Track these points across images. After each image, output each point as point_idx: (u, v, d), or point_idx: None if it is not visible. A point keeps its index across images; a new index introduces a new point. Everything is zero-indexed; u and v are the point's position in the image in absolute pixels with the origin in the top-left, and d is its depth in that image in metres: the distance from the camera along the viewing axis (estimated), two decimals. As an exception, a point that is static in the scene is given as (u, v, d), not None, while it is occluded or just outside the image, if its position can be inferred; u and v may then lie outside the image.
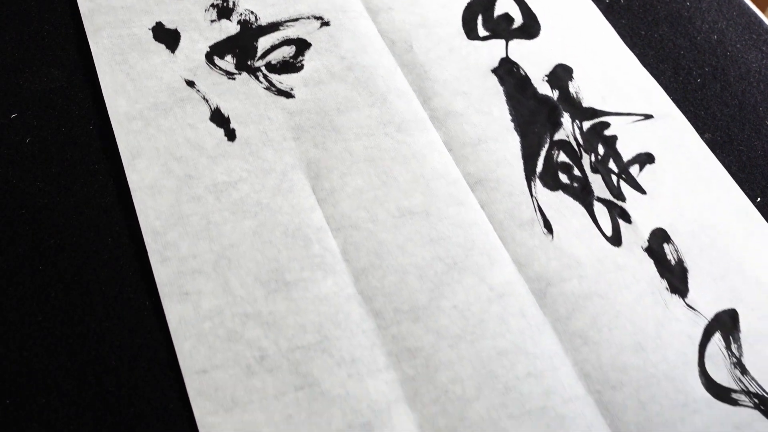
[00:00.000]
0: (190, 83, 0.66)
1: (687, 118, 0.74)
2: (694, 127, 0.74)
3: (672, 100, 0.75)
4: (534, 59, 0.75)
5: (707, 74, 0.79)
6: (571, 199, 0.66)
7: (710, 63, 0.80)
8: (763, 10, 0.94)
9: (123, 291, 0.54)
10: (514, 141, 0.69)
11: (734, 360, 0.60)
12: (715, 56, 0.81)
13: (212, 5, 0.72)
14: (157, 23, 0.69)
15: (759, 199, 0.70)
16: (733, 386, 0.59)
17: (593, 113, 0.72)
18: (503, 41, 0.77)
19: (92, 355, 0.51)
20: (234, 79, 0.67)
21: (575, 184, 0.67)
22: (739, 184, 0.70)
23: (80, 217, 0.57)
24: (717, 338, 0.61)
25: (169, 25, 0.70)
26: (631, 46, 0.79)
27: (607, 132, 0.71)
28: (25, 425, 0.48)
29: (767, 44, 0.83)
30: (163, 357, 0.51)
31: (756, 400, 0.58)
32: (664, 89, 0.76)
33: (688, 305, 0.62)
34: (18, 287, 0.53)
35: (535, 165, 0.67)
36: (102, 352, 0.51)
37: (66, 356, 0.50)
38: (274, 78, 0.68)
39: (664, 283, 0.63)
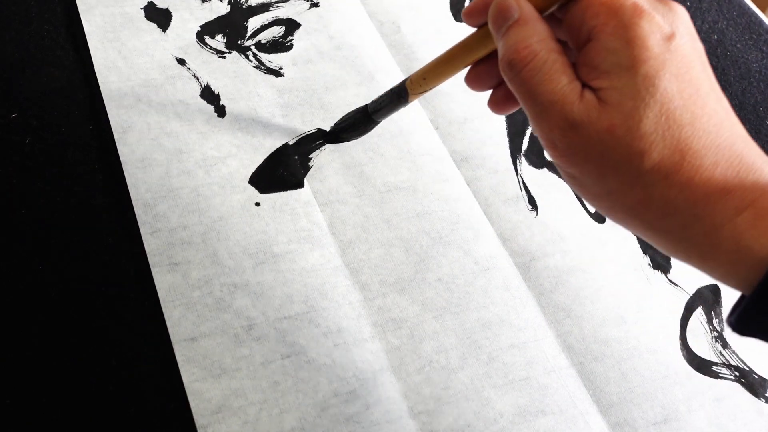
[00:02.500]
0: (181, 61, 0.66)
1: None
2: None
3: None
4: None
5: (707, 75, 0.79)
6: (555, 176, 0.67)
7: (710, 63, 0.80)
8: (763, 10, 0.94)
9: (123, 291, 0.54)
10: (499, 120, 0.70)
11: (715, 334, 0.61)
12: (715, 56, 0.81)
13: (203, -13, 0.72)
14: (148, 2, 0.70)
15: None
16: (714, 359, 0.60)
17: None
18: (490, 23, 0.77)
19: (92, 356, 0.51)
20: (224, 57, 0.68)
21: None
22: None
23: (80, 217, 0.57)
24: (699, 313, 0.62)
25: (160, 4, 0.70)
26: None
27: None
28: (25, 425, 0.48)
29: (767, 44, 0.83)
30: (163, 357, 0.52)
31: (737, 373, 0.59)
32: None
33: (670, 281, 0.63)
34: (18, 287, 0.53)
35: (521, 143, 0.68)
36: (102, 353, 0.51)
37: (66, 356, 0.51)
38: (264, 57, 0.69)
39: (647, 260, 0.64)
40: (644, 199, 0.38)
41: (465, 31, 0.76)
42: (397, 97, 0.56)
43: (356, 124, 0.62)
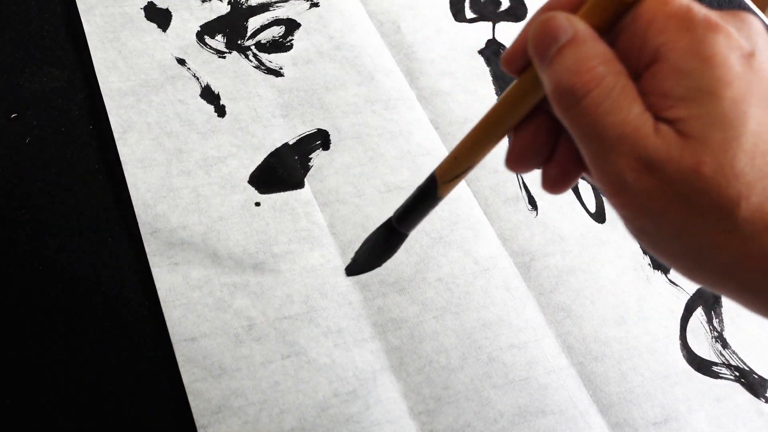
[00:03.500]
0: (181, 61, 0.66)
1: None
2: None
3: None
4: (521, 41, 0.76)
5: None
6: (555, 176, 0.67)
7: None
8: (763, 10, 0.94)
9: (123, 291, 0.54)
10: (500, 120, 0.70)
11: (715, 334, 0.61)
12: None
13: (203, -14, 0.73)
14: (148, 2, 0.70)
15: None
16: (714, 359, 0.60)
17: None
18: (490, 23, 0.78)
19: (92, 355, 0.51)
20: (224, 57, 0.68)
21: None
22: None
23: (80, 217, 0.57)
24: (699, 313, 0.62)
25: (160, 4, 0.70)
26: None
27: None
28: (26, 425, 0.48)
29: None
30: (163, 357, 0.52)
31: (737, 373, 0.59)
32: None
33: (670, 281, 0.63)
34: (18, 287, 0.53)
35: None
36: (102, 353, 0.51)
37: (66, 356, 0.51)
38: (264, 57, 0.69)
39: (647, 260, 0.64)
40: (742, 256, 0.31)
41: (465, 31, 0.76)
42: (423, 193, 0.46)
43: (379, 243, 0.52)
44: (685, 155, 0.31)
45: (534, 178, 0.66)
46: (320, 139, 0.64)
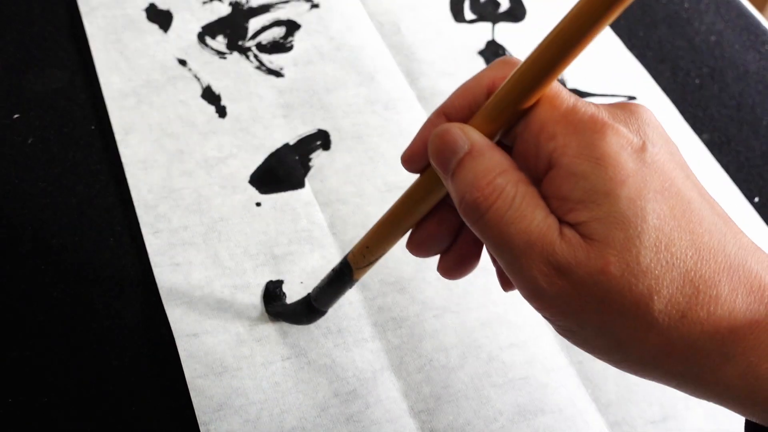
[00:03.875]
0: (182, 62, 0.67)
1: (685, 118, 0.74)
2: (692, 128, 0.74)
3: (670, 100, 0.75)
4: (520, 42, 0.76)
5: (705, 75, 0.79)
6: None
7: (708, 64, 0.80)
8: (761, 12, 0.95)
9: (124, 291, 0.54)
10: (499, 120, 0.70)
11: (713, 333, 0.61)
12: (713, 57, 0.81)
13: (204, -12, 0.73)
14: (150, 4, 0.71)
15: (757, 199, 0.70)
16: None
17: (578, 94, 0.73)
18: (490, 24, 0.78)
19: (93, 355, 0.51)
20: (225, 58, 0.68)
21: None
22: (736, 185, 0.71)
23: (82, 217, 0.57)
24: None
25: (161, 5, 0.71)
26: (630, 47, 0.80)
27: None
28: (26, 425, 0.48)
29: (765, 45, 0.83)
30: (164, 358, 0.52)
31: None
32: (662, 90, 0.76)
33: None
34: (20, 287, 0.53)
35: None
36: (102, 352, 0.52)
37: (67, 356, 0.51)
38: (265, 58, 0.69)
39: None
40: (661, 346, 0.32)
41: (465, 32, 0.76)
42: (339, 276, 0.48)
43: (298, 313, 0.53)
44: (591, 258, 0.32)
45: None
46: (321, 139, 0.65)
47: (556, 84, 0.35)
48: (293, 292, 0.56)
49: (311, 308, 0.51)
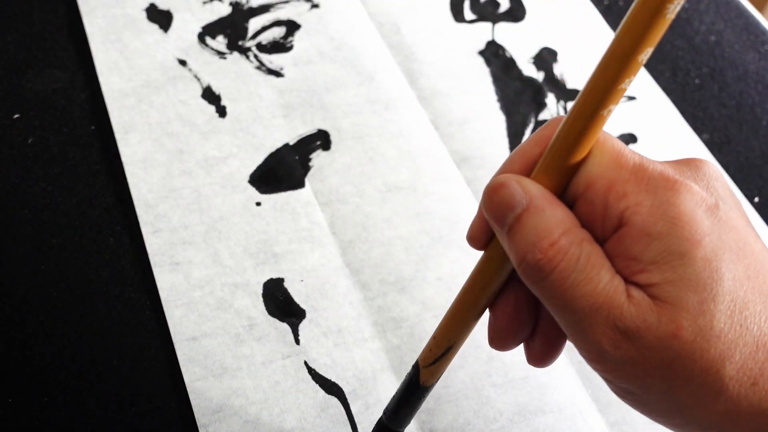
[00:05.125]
0: (182, 62, 0.67)
1: (685, 118, 0.74)
2: (692, 128, 0.74)
3: (670, 100, 0.75)
4: (520, 42, 0.76)
5: (705, 75, 0.79)
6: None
7: (708, 64, 0.80)
8: (761, 12, 0.94)
9: (124, 291, 0.54)
10: (499, 120, 0.70)
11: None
12: (713, 57, 0.81)
13: (204, -12, 0.73)
14: (150, 4, 0.71)
15: (757, 199, 0.70)
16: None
17: (577, 94, 0.73)
18: (490, 24, 0.78)
19: (93, 355, 0.51)
20: (225, 58, 0.68)
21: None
22: (737, 185, 0.71)
23: (82, 217, 0.57)
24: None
25: (162, 5, 0.71)
26: (628, 44, 0.80)
27: (592, 113, 0.72)
28: (26, 425, 0.48)
29: (765, 45, 0.83)
30: (164, 358, 0.52)
31: None
32: (662, 90, 0.76)
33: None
34: (20, 287, 0.53)
35: (521, 139, 0.69)
36: (103, 352, 0.52)
37: (67, 356, 0.51)
38: (265, 58, 0.69)
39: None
40: (728, 413, 0.31)
41: (465, 32, 0.76)
42: (408, 382, 0.43)
43: None
44: (663, 321, 0.30)
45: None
46: (320, 139, 0.65)
47: (618, 143, 0.34)
48: (294, 291, 0.56)
49: (384, 430, 0.46)
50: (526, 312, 0.37)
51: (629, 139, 0.71)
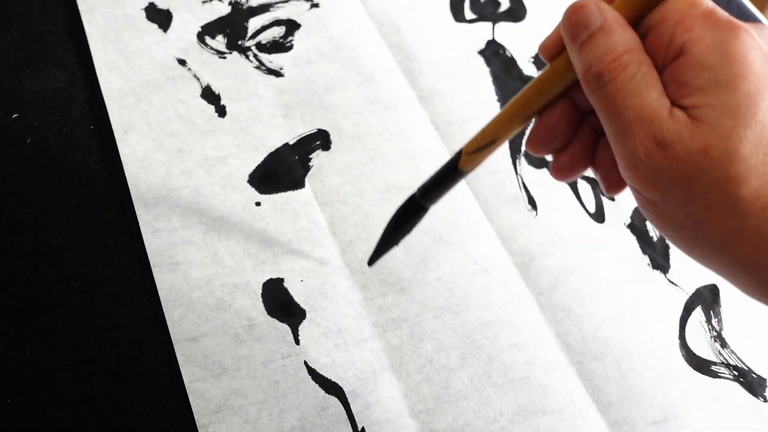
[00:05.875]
0: (182, 62, 0.67)
1: None
2: None
3: None
4: (520, 42, 0.76)
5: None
6: (555, 176, 0.67)
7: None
8: (761, 12, 0.94)
9: (124, 291, 0.54)
10: (499, 120, 0.70)
11: (714, 333, 0.61)
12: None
13: (204, -13, 0.73)
14: (149, 3, 0.71)
15: None
16: (713, 359, 0.60)
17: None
18: (490, 24, 0.78)
19: (93, 355, 0.51)
20: (225, 58, 0.68)
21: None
22: None
23: (81, 217, 0.57)
24: (698, 312, 0.62)
25: (161, 5, 0.71)
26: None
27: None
28: (26, 425, 0.48)
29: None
30: (164, 357, 0.52)
31: (735, 373, 0.60)
32: None
33: (669, 281, 0.63)
34: (19, 287, 0.53)
35: (520, 143, 0.69)
36: (103, 352, 0.52)
37: (67, 356, 0.51)
38: (264, 57, 0.69)
39: (646, 259, 0.64)
40: (736, 230, 0.35)
41: (465, 31, 0.76)
42: (447, 166, 0.48)
43: (400, 217, 0.52)
44: (695, 137, 0.34)
45: (534, 178, 0.66)
46: (320, 139, 0.65)
47: None
48: (294, 291, 0.56)
49: (414, 206, 0.50)
50: (566, 126, 0.42)
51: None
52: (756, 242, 0.34)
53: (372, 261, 0.54)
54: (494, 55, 0.75)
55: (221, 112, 0.64)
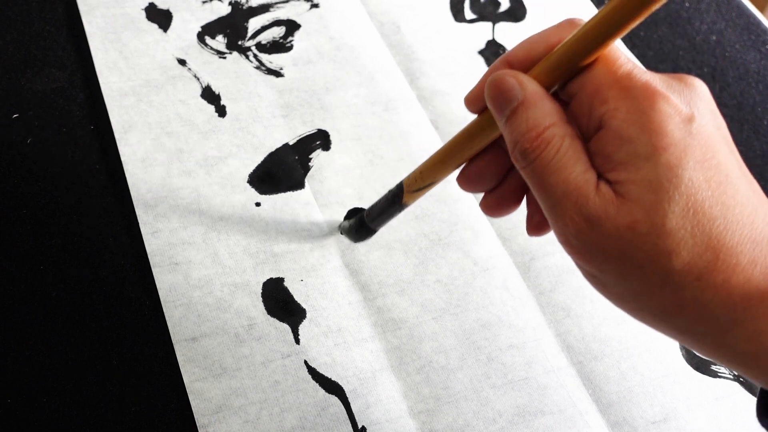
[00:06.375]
0: (182, 62, 0.67)
1: None
2: None
3: None
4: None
5: (706, 75, 0.79)
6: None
7: (709, 63, 0.80)
8: (761, 11, 0.94)
9: (124, 291, 0.54)
10: (499, 120, 0.70)
11: (714, 334, 0.61)
12: (713, 57, 0.81)
13: (204, -13, 0.73)
14: (149, 3, 0.71)
15: None
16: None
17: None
18: (490, 24, 0.78)
19: (93, 355, 0.51)
20: (225, 58, 0.68)
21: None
22: None
23: (81, 217, 0.57)
24: (697, 313, 0.62)
25: (161, 5, 0.71)
26: (631, 46, 0.80)
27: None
28: (26, 425, 0.48)
29: (766, 45, 0.83)
30: (164, 357, 0.52)
31: (735, 372, 0.60)
32: None
33: (669, 281, 0.63)
34: (19, 287, 0.53)
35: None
36: (103, 352, 0.52)
37: (67, 356, 0.51)
38: (264, 57, 0.69)
39: (646, 259, 0.64)
40: (675, 303, 0.35)
41: (465, 31, 0.76)
42: (391, 197, 0.52)
43: (353, 230, 0.57)
44: (621, 214, 0.34)
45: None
46: (320, 139, 0.65)
47: (616, 48, 0.37)
48: (294, 291, 0.56)
49: (363, 225, 0.55)
50: (493, 172, 0.43)
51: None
52: (696, 312, 0.34)
53: (342, 232, 0.59)
54: (494, 55, 0.75)
55: (221, 112, 0.64)
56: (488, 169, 0.43)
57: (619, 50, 0.37)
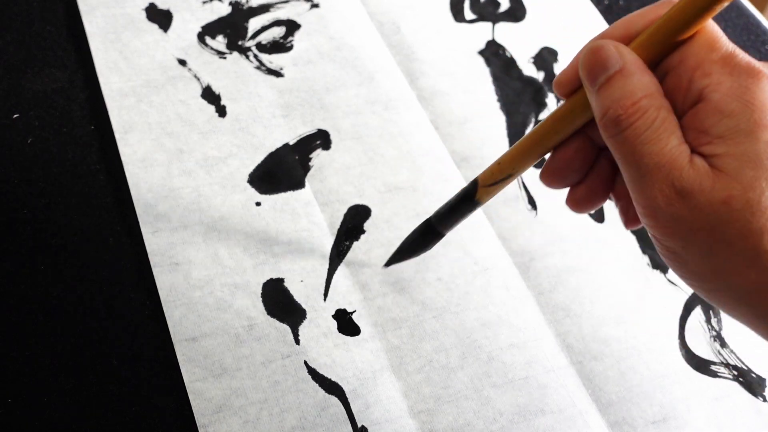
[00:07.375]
0: (182, 62, 0.67)
1: None
2: None
3: None
4: (520, 42, 0.76)
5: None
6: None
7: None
8: (761, 11, 0.94)
9: (124, 291, 0.54)
10: (499, 120, 0.70)
11: (714, 333, 0.61)
12: (713, 56, 0.81)
13: (204, -13, 0.73)
14: (150, 3, 0.71)
15: None
16: (713, 359, 0.60)
17: None
18: (490, 24, 0.78)
19: (93, 355, 0.51)
20: (225, 58, 0.68)
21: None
22: None
23: (81, 217, 0.57)
24: (697, 312, 0.62)
25: (161, 5, 0.71)
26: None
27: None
28: (26, 425, 0.48)
29: (765, 45, 0.83)
30: (164, 357, 0.52)
31: (735, 372, 0.60)
32: None
33: (669, 280, 0.63)
34: (19, 287, 0.53)
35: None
36: (103, 352, 0.52)
37: (67, 356, 0.51)
38: (265, 57, 0.69)
39: (646, 259, 0.64)
40: (760, 283, 0.34)
41: (465, 31, 0.76)
42: (464, 196, 0.49)
43: (417, 239, 0.54)
44: (717, 188, 0.34)
45: (534, 178, 0.66)
46: (320, 139, 0.65)
47: (716, 29, 0.36)
48: (294, 291, 0.56)
49: (431, 231, 0.52)
50: (581, 162, 0.42)
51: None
52: None
53: (388, 265, 0.57)
54: (494, 55, 0.75)
55: (221, 112, 0.64)
56: (575, 159, 0.42)
57: (720, 31, 0.37)
